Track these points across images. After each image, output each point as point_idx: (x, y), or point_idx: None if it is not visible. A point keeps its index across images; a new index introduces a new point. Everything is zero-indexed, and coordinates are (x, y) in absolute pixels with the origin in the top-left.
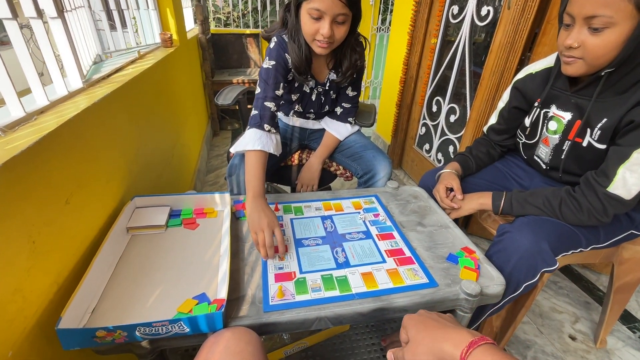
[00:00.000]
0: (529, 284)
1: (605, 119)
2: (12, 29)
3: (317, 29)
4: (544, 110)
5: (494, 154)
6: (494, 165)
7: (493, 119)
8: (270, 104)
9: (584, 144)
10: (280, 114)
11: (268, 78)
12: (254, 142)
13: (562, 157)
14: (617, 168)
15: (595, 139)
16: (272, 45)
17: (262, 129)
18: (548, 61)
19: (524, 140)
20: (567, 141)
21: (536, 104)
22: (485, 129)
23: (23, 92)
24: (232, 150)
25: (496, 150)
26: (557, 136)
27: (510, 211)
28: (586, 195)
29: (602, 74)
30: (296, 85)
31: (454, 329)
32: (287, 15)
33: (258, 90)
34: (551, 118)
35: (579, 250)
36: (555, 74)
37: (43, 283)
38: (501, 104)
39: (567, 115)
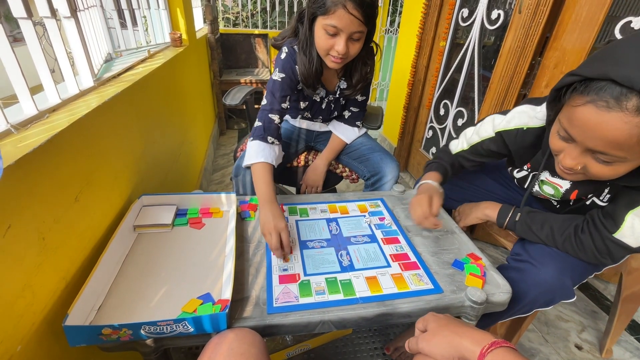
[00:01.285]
0: (541, 309)
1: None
2: (27, 28)
3: (332, 45)
4: (534, 173)
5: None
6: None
7: (463, 145)
8: (275, 117)
9: (588, 202)
10: (286, 116)
11: (276, 91)
12: (257, 154)
13: (567, 209)
14: (626, 214)
15: (605, 200)
16: (282, 55)
17: (266, 141)
18: (542, 116)
19: (515, 181)
20: (568, 199)
21: (526, 167)
22: (453, 150)
23: (33, 88)
24: (244, 165)
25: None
26: (554, 198)
27: (513, 230)
28: (592, 237)
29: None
30: (305, 94)
31: (477, 330)
32: (299, 26)
33: (264, 101)
34: (545, 182)
35: (593, 275)
36: (548, 152)
37: (52, 279)
38: (475, 137)
39: (564, 184)
